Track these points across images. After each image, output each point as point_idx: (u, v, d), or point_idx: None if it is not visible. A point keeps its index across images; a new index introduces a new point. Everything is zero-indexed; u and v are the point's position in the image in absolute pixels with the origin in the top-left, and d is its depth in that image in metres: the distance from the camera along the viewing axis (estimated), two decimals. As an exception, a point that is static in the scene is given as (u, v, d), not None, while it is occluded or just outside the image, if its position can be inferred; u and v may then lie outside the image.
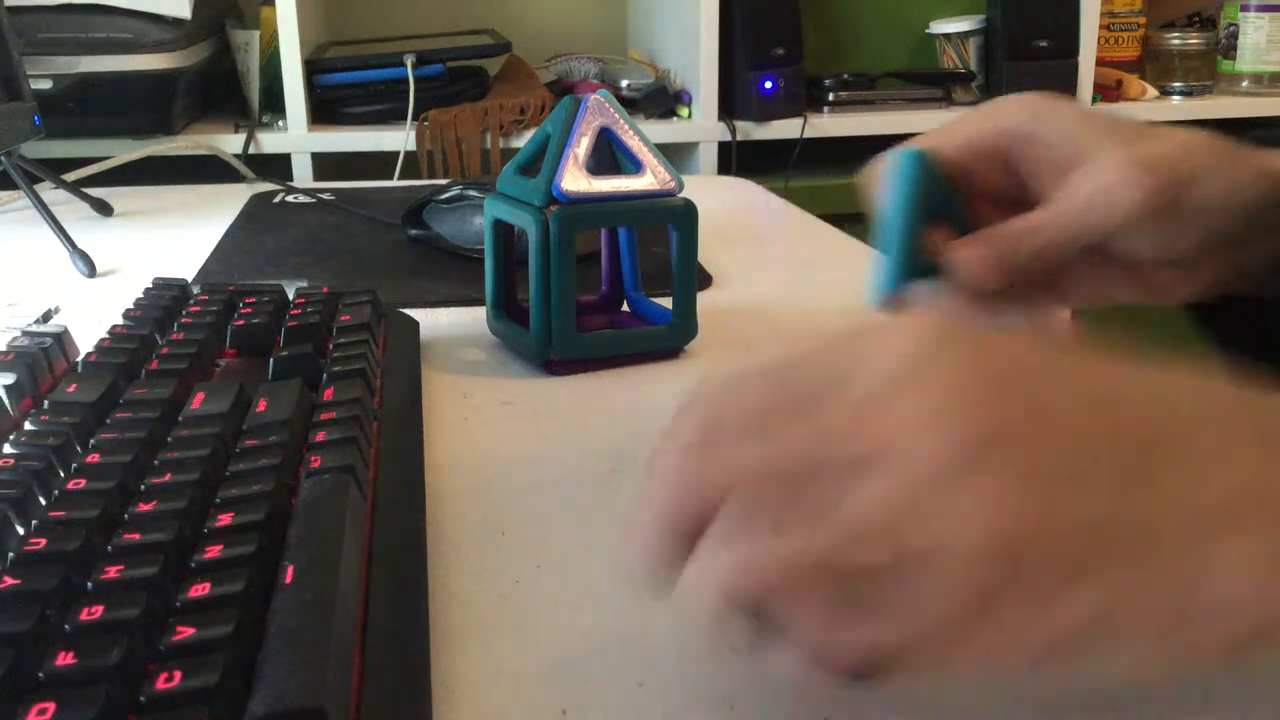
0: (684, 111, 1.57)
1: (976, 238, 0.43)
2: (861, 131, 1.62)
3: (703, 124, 1.53)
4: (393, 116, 1.44)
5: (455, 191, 0.77)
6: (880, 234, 0.42)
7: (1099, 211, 0.42)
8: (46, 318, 0.55)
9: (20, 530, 0.33)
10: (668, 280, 0.57)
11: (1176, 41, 1.76)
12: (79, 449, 0.38)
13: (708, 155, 1.55)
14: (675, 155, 1.57)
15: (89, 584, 0.29)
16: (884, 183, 0.44)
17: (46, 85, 1.23)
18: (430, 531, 0.40)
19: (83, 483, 0.34)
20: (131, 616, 0.28)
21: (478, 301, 0.63)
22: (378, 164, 1.43)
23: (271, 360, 0.48)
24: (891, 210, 0.42)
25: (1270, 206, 0.44)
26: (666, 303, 0.58)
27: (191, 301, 0.55)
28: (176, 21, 1.30)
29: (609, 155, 0.56)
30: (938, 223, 0.43)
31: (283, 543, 0.32)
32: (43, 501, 0.35)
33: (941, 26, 1.71)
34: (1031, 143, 0.45)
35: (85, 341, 0.50)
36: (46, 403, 0.41)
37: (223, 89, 1.52)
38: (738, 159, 1.53)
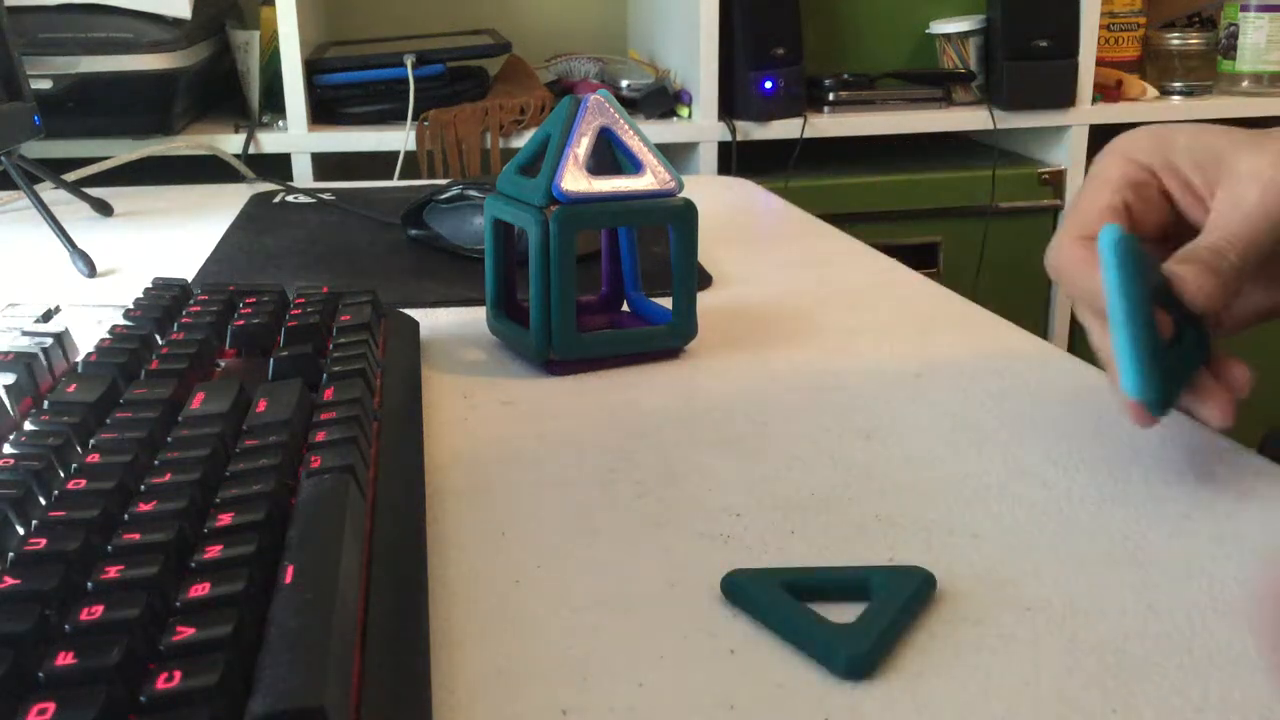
0: (684, 111, 1.57)
1: (1187, 260, 0.43)
2: (861, 131, 1.62)
3: (703, 124, 1.53)
4: (393, 116, 1.44)
5: (455, 191, 0.77)
6: (1115, 325, 0.40)
7: (1260, 223, 0.43)
8: (46, 318, 0.55)
9: (20, 530, 0.33)
10: (668, 280, 0.57)
11: (1176, 41, 1.76)
12: (79, 449, 0.38)
13: (708, 155, 1.55)
14: (675, 155, 1.57)
15: (89, 584, 0.29)
16: (1102, 272, 0.42)
17: (46, 85, 1.23)
18: (430, 531, 0.40)
19: (83, 483, 0.34)
20: (131, 616, 0.28)
21: (478, 301, 0.63)
22: (378, 164, 1.44)
23: (271, 360, 0.48)
24: (1121, 300, 0.40)
25: None
26: (666, 303, 0.58)
27: (191, 301, 0.55)
28: (176, 21, 1.30)
29: (609, 155, 0.56)
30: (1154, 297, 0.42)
31: (283, 543, 0.32)
32: (43, 501, 0.35)
33: (941, 26, 1.71)
34: (1168, 175, 0.46)
35: (85, 341, 0.50)
36: (46, 403, 0.41)
37: (223, 89, 1.52)
38: (738, 159, 1.53)
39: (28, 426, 0.39)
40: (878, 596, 0.35)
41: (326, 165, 1.51)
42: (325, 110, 1.47)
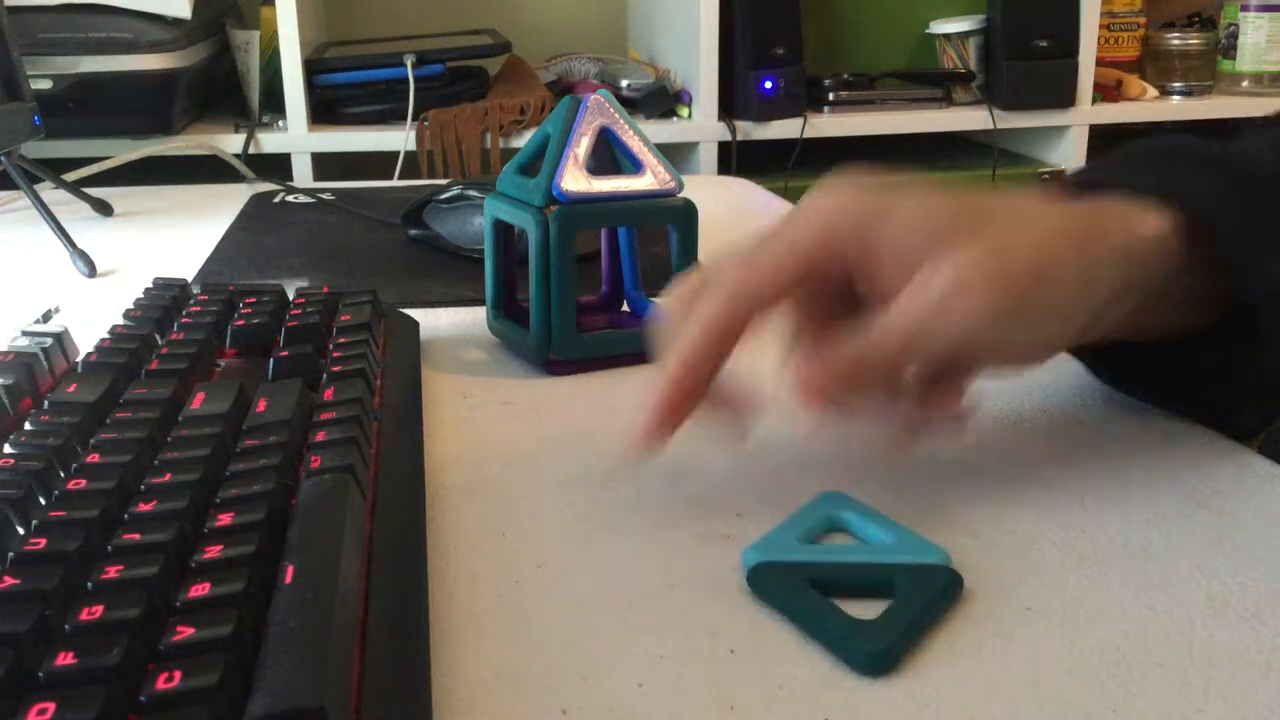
0: (684, 111, 1.57)
1: (814, 359, 0.39)
2: (861, 131, 1.62)
3: (703, 124, 1.53)
4: (393, 116, 1.44)
5: (455, 191, 0.77)
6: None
7: (940, 322, 0.38)
8: (46, 318, 0.55)
9: (20, 530, 0.33)
10: (668, 280, 0.57)
11: (1176, 41, 1.76)
12: (79, 449, 0.38)
13: (708, 155, 1.55)
14: (675, 155, 1.57)
15: (89, 584, 0.29)
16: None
17: (46, 85, 1.23)
18: (430, 531, 0.40)
19: (83, 483, 0.34)
20: (131, 616, 0.28)
21: (478, 301, 0.63)
22: (378, 164, 1.44)
23: (271, 360, 0.48)
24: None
25: (1130, 280, 0.41)
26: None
27: (191, 301, 0.55)
28: (176, 21, 1.30)
29: (609, 155, 0.56)
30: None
31: (283, 543, 0.32)
32: (43, 501, 0.35)
33: (941, 26, 1.71)
34: (867, 248, 0.40)
35: (85, 341, 0.50)
36: (46, 403, 0.41)
37: (223, 89, 1.52)
38: (738, 159, 1.53)
39: (28, 426, 0.39)
40: (902, 594, 0.35)
41: (326, 165, 1.51)
42: (325, 110, 1.47)
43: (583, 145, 0.54)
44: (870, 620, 0.33)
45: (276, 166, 1.37)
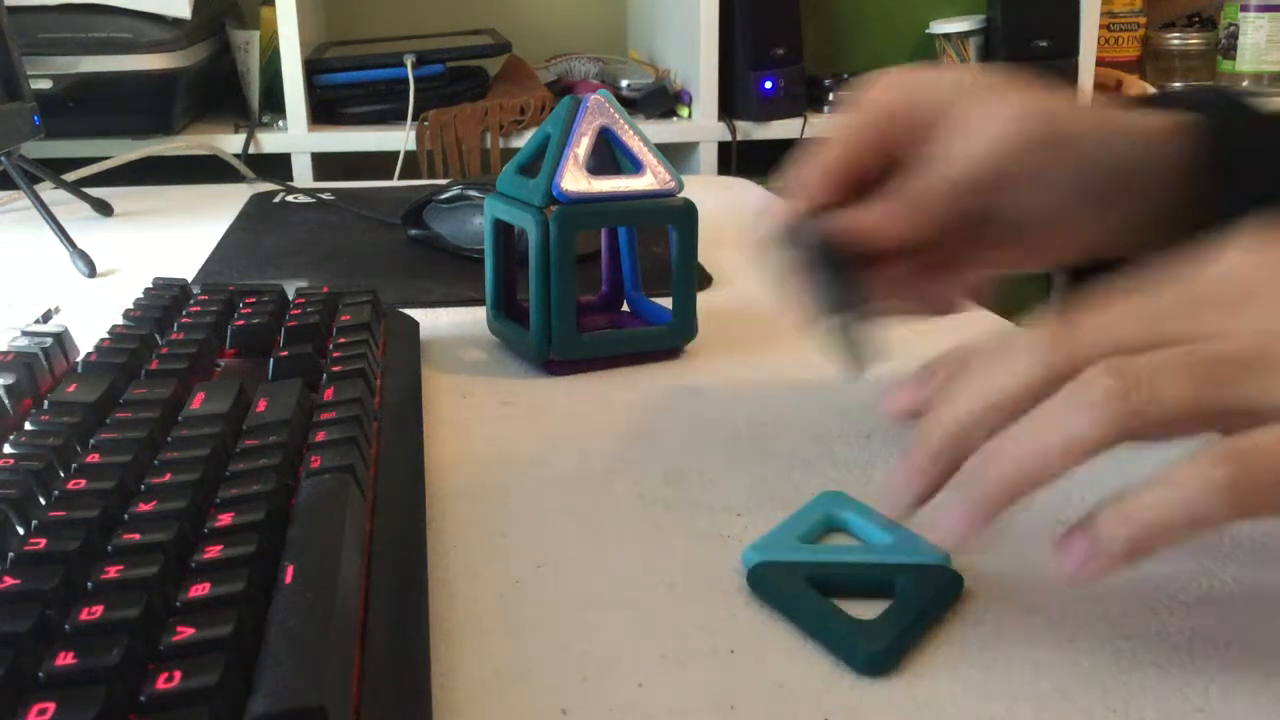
0: (684, 111, 1.57)
1: (882, 198, 0.44)
2: (861, 131, 1.62)
3: (703, 124, 1.53)
4: (393, 116, 1.44)
5: (455, 191, 0.77)
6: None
7: (982, 151, 0.43)
8: (46, 318, 0.55)
9: (20, 530, 0.33)
10: (668, 280, 0.57)
11: (1176, 41, 1.76)
12: (79, 449, 0.38)
13: (708, 155, 1.55)
14: (675, 155, 1.57)
15: (89, 584, 0.29)
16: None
17: (46, 85, 1.23)
18: (430, 531, 0.40)
19: (83, 483, 0.34)
20: (131, 616, 0.28)
21: (478, 301, 0.63)
22: (378, 164, 1.43)
23: (271, 360, 0.48)
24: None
25: (1134, 166, 0.45)
26: (666, 303, 0.58)
27: (191, 301, 0.55)
28: (176, 21, 1.30)
29: (609, 155, 0.56)
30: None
31: (283, 543, 0.32)
32: (43, 501, 0.35)
33: (941, 26, 1.71)
34: (909, 121, 0.45)
35: (85, 341, 0.50)
36: (46, 403, 0.41)
37: (223, 89, 1.52)
38: (738, 159, 1.53)
39: (28, 426, 0.39)
40: (902, 594, 0.35)
41: (326, 165, 1.51)
42: (325, 110, 1.47)
43: (583, 145, 0.54)
44: (870, 620, 0.33)
45: (276, 166, 1.37)
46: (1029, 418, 0.31)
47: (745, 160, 1.52)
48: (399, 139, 1.42)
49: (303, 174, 1.44)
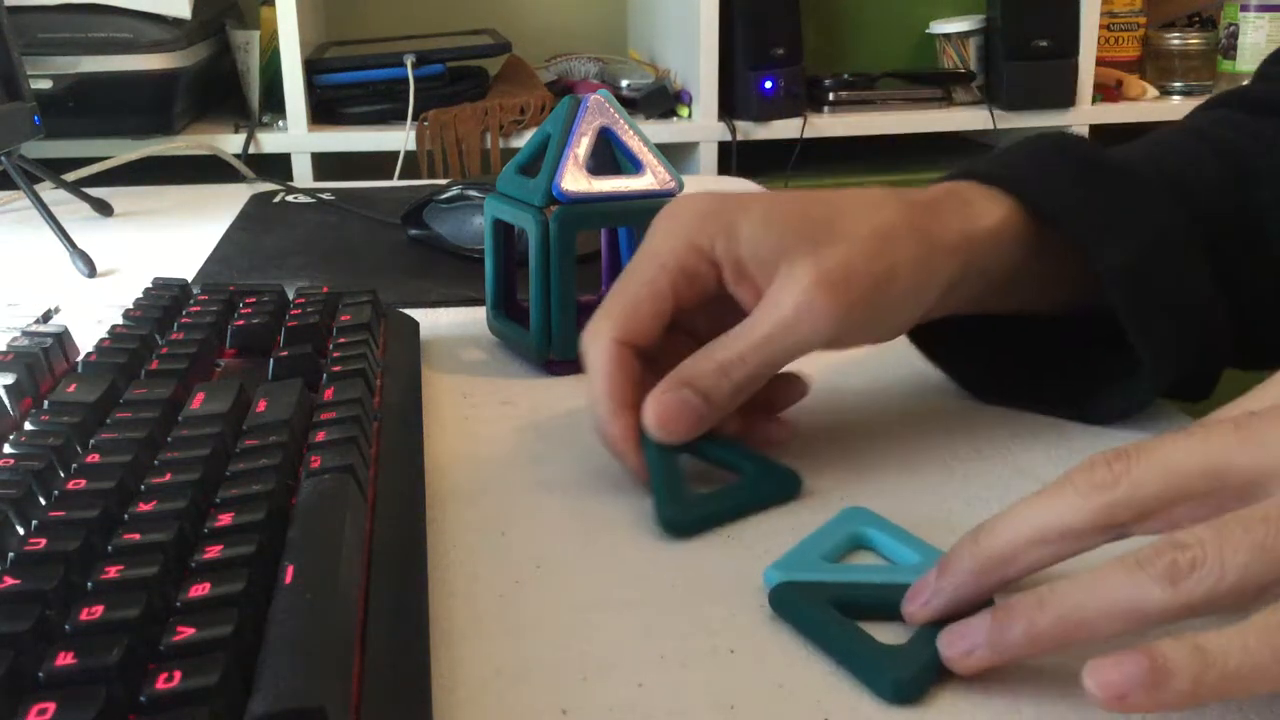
0: (684, 111, 1.57)
1: (671, 383, 0.42)
2: (861, 131, 1.62)
3: (703, 124, 1.53)
4: (393, 116, 1.44)
5: (455, 191, 0.77)
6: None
7: (789, 339, 0.41)
8: (46, 318, 0.55)
9: (20, 530, 0.33)
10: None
11: (1176, 41, 1.76)
12: (79, 449, 0.38)
13: (708, 155, 1.55)
14: (675, 155, 1.57)
15: (89, 584, 0.29)
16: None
17: (46, 85, 1.23)
18: (430, 531, 0.40)
19: (83, 483, 0.34)
20: (131, 616, 0.28)
21: (478, 301, 0.63)
22: (378, 164, 1.43)
23: (271, 360, 0.48)
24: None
25: (963, 282, 0.44)
26: (666, 303, 0.58)
27: (191, 301, 0.55)
28: (176, 21, 1.30)
29: (609, 155, 0.56)
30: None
31: (283, 543, 0.32)
32: (43, 501, 0.35)
33: (941, 26, 1.71)
34: (727, 265, 0.43)
35: (85, 341, 0.50)
36: (46, 403, 0.41)
37: (223, 89, 1.52)
38: (738, 159, 1.53)
39: (28, 426, 0.39)
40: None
41: (326, 165, 1.51)
42: (325, 110, 1.47)
43: (583, 145, 0.54)
44: (899, 646, 0.32)
45: (276, 166, 1.37)
46: (1091, 577, 0.28)
47: (745, 160, 1.52)
48: (399, 139, 1.42)
49: (303, 174, 1.44)
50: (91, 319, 0.60)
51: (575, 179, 0.53)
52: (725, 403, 0.41)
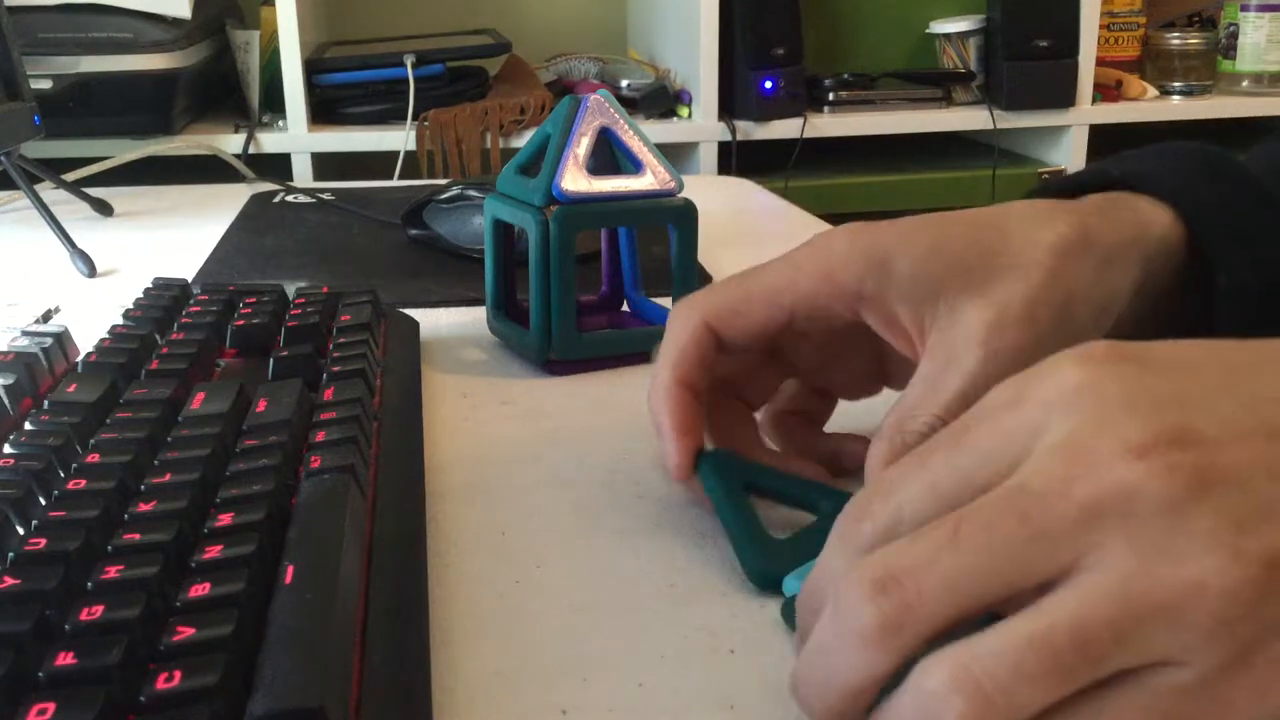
0: (684, 111, 1.57)
1: (882, 439, 0.37)
2: (861, 131, 1.62)
3: (703, 124, 1.53)
4: (393, 116, 1.44)
5: (455, 191, 0.77)
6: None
7: (980, 388, 0.34)
8: (46, 318, 0.55)
9: (20, 530, 0.33)
10: (668, 280, 0.57)
11: (1176, 41, 1.76)
12: (79, 449, 0.38)
13: (708, 155, 1.55)
14: (675, 155, 1.57)
15: (89, 584, 0.29)
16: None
17: (46, 85, 1.23)
18: (430, 531, 0.40)
19: (83, 483, 0.34)
20: (131, 616, 0.28)
21: (478, 301, 0.63)
22: (378, 164, 1.43)
23: (271, 360, 0.48)
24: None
25: (1146, 286, 0.41)
26: (666, 303, 0.58)
27: (191, 301, 0.55)
28: (176, 21, 1.30)
29: (609, 155, 0.56)
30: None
31: (283, 543, 0.32)
32: (43, 501, 0.35)
33: (941, 26, 1.71)
34: (872, 307, 0.39)
35: (85, 341, 0.50)
36: (46, 403, 0.41)
37: (223, 89, 1.52)
38: (738, 159, 1.53)
39: (28, 426, 0.39)
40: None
41: (326, 165, 1.51)
42: (325, 110, 1.47)
43: (583, 145, 0.54)
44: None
45: (276, 166, 1.37)
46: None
47: (745, 160, 1.52)
48: (399, 139, 1.42)
49: (303, 174, 1.44)
50: (91, 319, 0.60)
51: (575, 179, 0.53)
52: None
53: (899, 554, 0.25)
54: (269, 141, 1.42)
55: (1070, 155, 1.66)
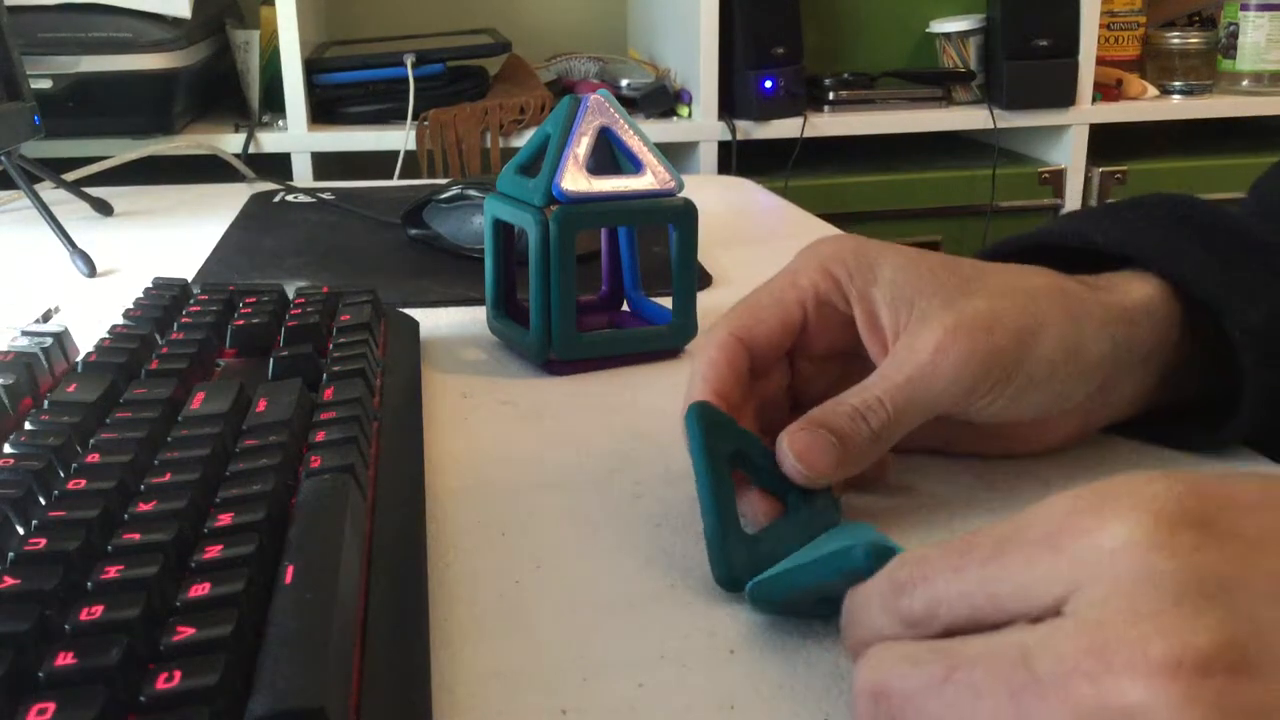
0: (684, 111, 1.57)
1: (807, 423, 0.38)
2: (861, 131, 1.62)
3: (703, 123, 1.53)
4: (393, 116, 1.44)
5: (455, 191, 0.77)
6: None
7: (927, 386, 0.38)
8: (46, 318, 0.55)
9: (20, 530, 0.33)
10: (668, 280, 0.57)
11: (1176, 41, 1.77)
12: (79, 449, 0.38)
13: (708, 155, 1.55)
14: (675, 155, 1.57)
15: (89, 584, 0.29)
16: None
17: (46, 85, 1.23)
18: (430, 531, 0.40)
19: (83, 483, 0.34)
20: (131, 616, 0.28)
21: (478, 301, 0.63)
22: (378, 164, 1.43)
23: (271, 360, 0.48)
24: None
25: (1134, 355, 0.42)
26: (666, 302, 0.58)
27: (191, 301, 0.55)
28: (176, 21, 1.30)
29: (609, 155, 0.56)
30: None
31: (283, 543, 0.32)
32: (43, 501, 0.35)
33: (941, 26, 1.71)
34: (860, 305, 0.41)
35: (85, 341, 0.50)
36: (46, 403, 0.41)
37: (223, 89, 1.52)
38: (738, 159, 1.53)
39: (28, 426, 0.39)
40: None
41: (326, 165, 1.51)
42: (325, 110, 1.47)
43: (583, 145, 0.54)
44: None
45: (276, 166, 1.37)
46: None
47: (745, 160, 1.52)
48: (399, 139, 1.42)
49: (303, 174, 1.44)
50: (91, 319, 0.60)
51: (575, 179, 0.53)
52: (863, 449, 0.38)
53: (899, 676, 0.26)
54: (269, 141, 1.42)
55: (1070, 154, 1.66)
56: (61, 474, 0.36)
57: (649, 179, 0.55)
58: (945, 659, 0.25)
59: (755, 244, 0.84)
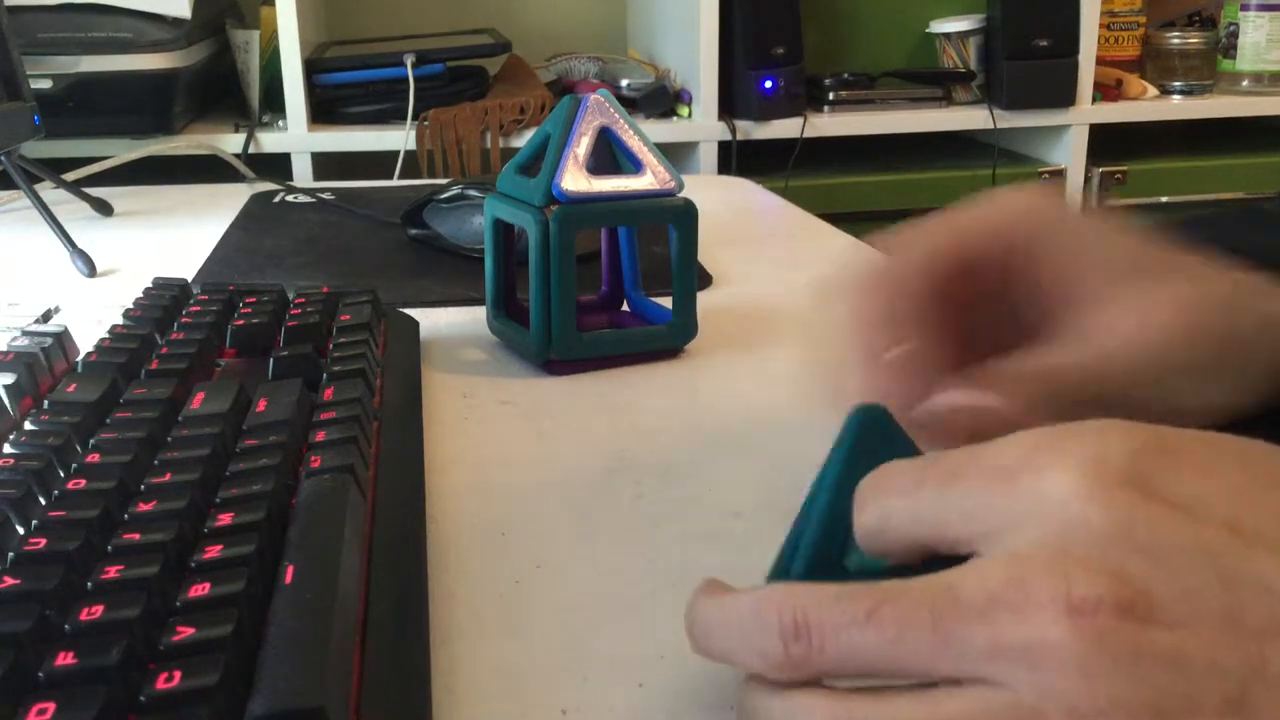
0: (684, 111, 1.57)
1: (992, 376, 0.35)
2: (861, 131, 1.62)
3: (703, 124, 1.53)
4: (393, 116, 1.44)
5: (455, 191, 0.77)
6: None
7: (1130, 361, 0.35)
8: (46, 318, 0.55)
9: (20, 530, 0.33)
10: (668, 280, 0.57)
11: (1176, 41, 1.76)
12: (79, 449, 0.38)
13: (708, 155, 1.55)
14: (675, 155, 1.57)
15: (89, 584, 0.29)
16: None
17: (46, 85, 1.23)
18: (430, 531, 0.40)
19: (83, 483, 0.34)
20: (131, 616, 0.28)
21: (478, 301, 0.63)
22: (378, 164, 1.43)
23: (271, 360, 0.48)
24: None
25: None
26: (666, 302, 0.58)
27: (191, 301, 0.55)
28: (176, 21, 1.30)
29: (609, 155, 0.56)
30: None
31: (283, 543, 0.32)
32: (43, 501, 0.35)
33: (941, 26, 1.71)
34: (1036, 262, 0.37)
35: (85, 341, 0.50)
36: (46, 403, 0.41)
37: (223, 89, 1.52)
38: (738, 159, 1.53)
39: (28, 426, 0.39)
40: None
41: (326, 165, 1.51)
42: (325, 110, 1.47)
43: (583, 145, 0.54)
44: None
45: (276, 166, 1.37)
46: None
47: (745, 160, 1.52)
48: (399, 139, 1.42)
49: (303, 174, 1.44)
50: (91, 319, 0.60)
51: (575, 179, 0.53)
52: (1032, 411, 0.34)
53: (820, 609, 0.25)
54: (269, 141, 1.42)
55: (1070, 155, 1.66)
56: (61, 474, 0.36)
57: (649, 179, 0.55)
58: (871, 595, 0.25)
59: (755, 244, 0.84)
